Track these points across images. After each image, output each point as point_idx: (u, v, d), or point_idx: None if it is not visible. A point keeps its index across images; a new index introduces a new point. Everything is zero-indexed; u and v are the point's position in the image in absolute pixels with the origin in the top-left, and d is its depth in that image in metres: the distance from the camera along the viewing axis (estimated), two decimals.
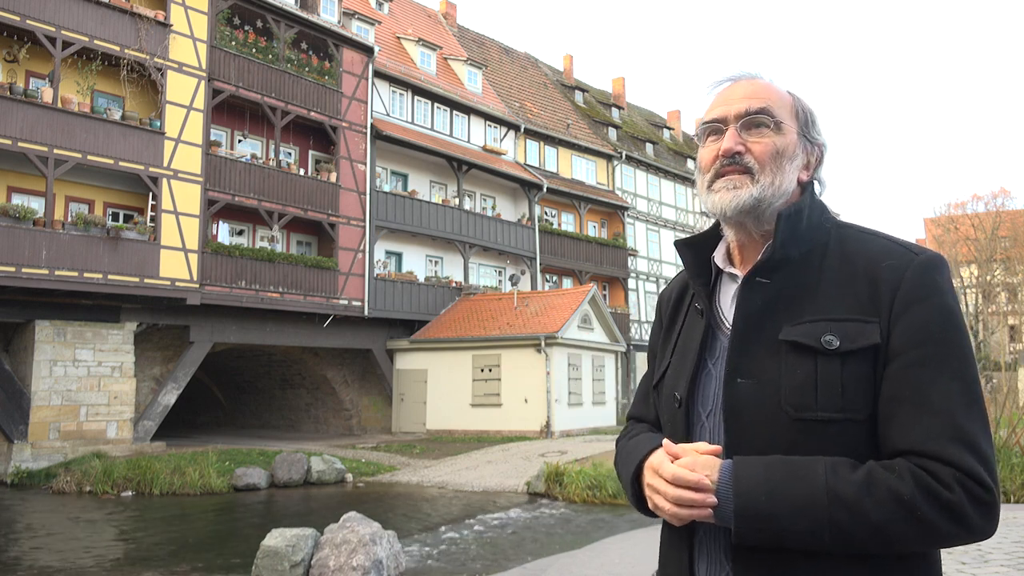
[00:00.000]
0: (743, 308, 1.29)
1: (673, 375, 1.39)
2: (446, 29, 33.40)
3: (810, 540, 1.13)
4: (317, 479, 15.89)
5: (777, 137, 1.32)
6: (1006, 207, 46.49)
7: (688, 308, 1.44)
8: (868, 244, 1.29)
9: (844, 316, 1.22)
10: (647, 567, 6.57)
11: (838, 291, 1.25)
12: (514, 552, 9.64)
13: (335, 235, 21.81)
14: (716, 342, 1.35)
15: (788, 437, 1.20)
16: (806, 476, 1.14)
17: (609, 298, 32.98)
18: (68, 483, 14.63)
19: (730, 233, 1.38)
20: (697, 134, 1.41)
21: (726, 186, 1.32)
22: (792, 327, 1.24)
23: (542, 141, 31.33)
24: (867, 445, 1.20)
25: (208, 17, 19.22)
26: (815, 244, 1.30)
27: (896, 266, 1.23)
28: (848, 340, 1.20)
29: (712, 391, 1.32)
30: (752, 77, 1.38)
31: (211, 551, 9.92)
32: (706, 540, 1.30)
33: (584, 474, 14.06)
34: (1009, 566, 5.35)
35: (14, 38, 16.48)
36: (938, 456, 1.12)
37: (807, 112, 1.38)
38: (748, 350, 1.26)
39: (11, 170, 16.60)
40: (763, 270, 1.30)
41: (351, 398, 24.85)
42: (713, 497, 1.18)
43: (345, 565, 7.33)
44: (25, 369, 16.48)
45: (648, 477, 1.28)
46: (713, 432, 1.30)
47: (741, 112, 1.32)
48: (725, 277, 1.40)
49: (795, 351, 1.22)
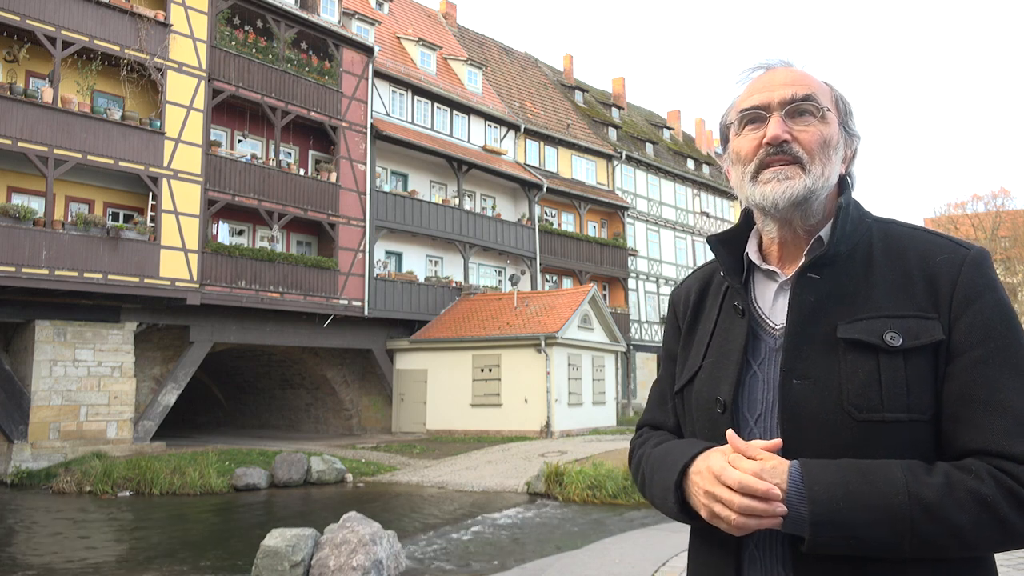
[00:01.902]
0: (798, 306, 1.23)
1: (710, 378, 1.31)
2: (446, 29, 33.39)
3: (890, 546, 1.08)
4: (317, 479, 15.88)
5: (823, 126, 1.26)
6: (1006, 207, 46.51)
7: (720, 307, 1.37)
8: (915, 239, 1.25)
9: (903, 313, 1.18)
10: (647, 567, 6.57)
11: (892, 288, 1.21)
12: (514, 552, 9.63)
13: (335, 235, 21.81)
14: (760, 343, 1.29)
15: (850, 440, 1.15)
16: (884, 479, 1.09)
17: (609, 298, 32.98)
18: (68, 483, 14.62)
19: (772, 226, 1.31)
20: (730, 122, 1.34)
21: (776, 176, 1.25)
22: (848, 324, 1.19)
23: (542, 141, 31.33)
24: (931, 446, 1.16)
25: (208, 17, 19.22)
26: (860, 240, 1.27)
27: (951, 261, 1.20)
28: (911, 337, 1.16)
29: (760, 395, 1.25)
30: (787, 64, 1.33)
31: (211, 551, 9.91)
32: (758, 552, 1.22)
33: (584, 474, 14.05)
34: (1009, 566, 5.35)
35: (14, 38, 16.48)
36: (1014, 456, 1.09)
37: (845, 103, 1.33)
38: (804, 349, 1.21)
39: (11, 170, 16.60)
40: (815, 266, 1.24)
41: (351, 398, 24.85)
42: (783, 506, 1.10)
43: (345, 565, 7.32)
44: (25, 369, 16.48)
45: (706, 484, 1.17)
46: (764, 438, 1.23)
47: (786, 99, 1.26)
48: (759, 274, 1.34)
49: (855, 349, 1.17)
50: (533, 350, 21.69)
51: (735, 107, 1.33)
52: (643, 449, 1.42)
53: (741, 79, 1.34)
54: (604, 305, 25.06)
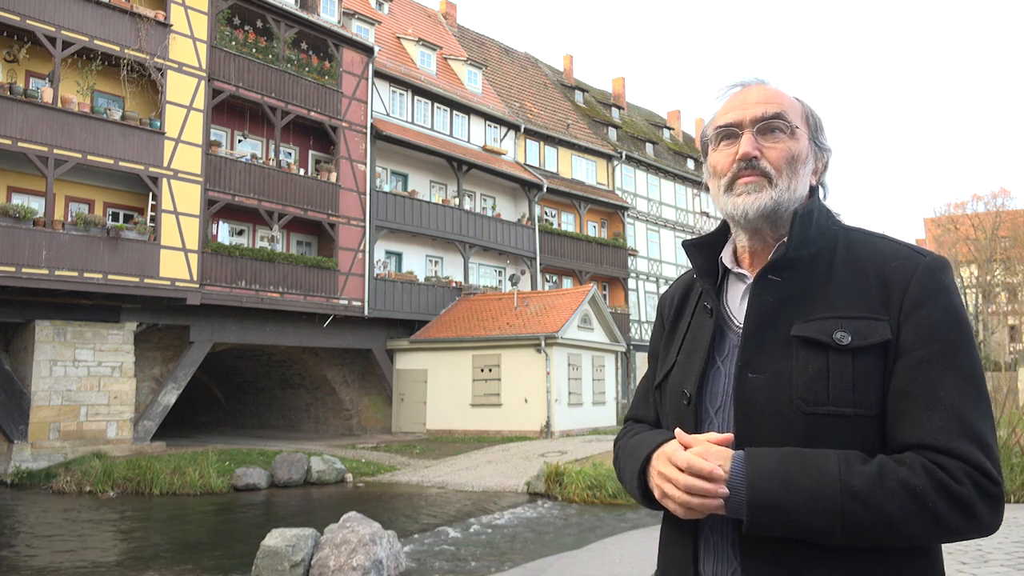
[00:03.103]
0: (755, 304, 1.31)
1: (680, 373, 1.40)
2: (446, 29, 33.40)
3: (822, 531, 1.14)
4: (317, 479, 15.88)
5: (792, 142, 1.34)
6: (1006, 207, 46.51)
7: (695, 308, 1.46)
8: (875, 246, 1.32)
9: (855, 314, 1.25)
10: (647, 567, 6.57)
11: (848, 290, 1.28)
12: (514, 552, 9.63)
13: (335, 235, 21.81)
14: (725, 340, 1.37)
15: (799, 432, 1.22)
16: (819, 467, 1.15)
17: (609, 298, 32.98)
18: (68, 483, 14.62)
19: (743, 235, 1.40)
20: (708, 137, 1.42)
21: (747, 189, 1.33)
22: (803, 323, 1.26)
23: (542, 141, 31.33)
24: (877, 441, 1.21)
25: (208, 17, 19.22)
26: (824, 245, 1.33)
27: (905, 267, 1.27)
28: (859, 336, 1.22)
29: (721, 387, 1.33)
30: (761, 82, 1.40)
31: (211, 551, 9.91)
32: (712, 535, 1.30)
33: (584, 474, 14.05)
34: (1009, 566, 5.34)
35: (14, 38, 16.48)
36: (948, 450, 1.15)
37: (816, 118, 1.40)
38: (759, 345, 1.28)
39: (11, 170, 16.60)
40: (775, 268, 1.32)
41: (351, 398, 24.85)
42: (725, 487, 1.18)
43: (345, 565, 7.32)
44: (25, 369, 16.48)
45: (659, 465, 1.28)
46: (722, 428, 1.31)
47: (757, 117, 1.34)
48: (732, 277, 1.42)
49: (806, 346, 1.24)
50: (533, 350, 21.69)
51: (713, 123, 1.41)
52: (622, 440, 1.51)
53: (719, 96, 1.43)
54: (604, 305, 25.07)
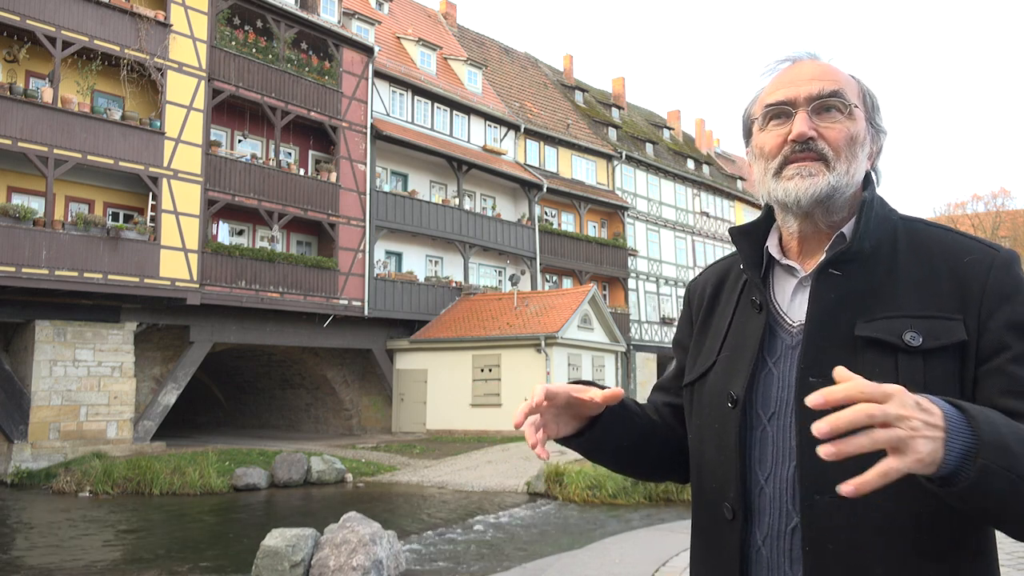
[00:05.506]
0: (818, 302, 1.20)
1: (724, 373, 1.28)
2: (446, 29, 33.39)
3: None
4: (317, 479, 15.88)
5: (850, 123, 1.24)
6: (1006, 207, 46.59)
7: (737, 301, 1.34)
8: (942, 239, 1.23)
9: (925, 313, 1.15)
10: (647, 567, 6.57)
11: (916, 287, 1.18)
12: (514, 552, 9.63)
13: (335, 235, 21.80)
14: (776, 339, 1.25)
15: None
16: None
17: (609, 298, 32.96)
18: (68, 483, 14.61)
19: (793, 223, 1.28)
20: (755, 117, 1.31)
21: (800, 172, 1.22)
22: (866, 323, 1.16)
23: (542, 141, 31.32)
24: None
25: (208, 17, 19.22)
26: (883, 237, 1.23)
27: (979, 262, 1.18)
28: (932, 337, 1.13)
29: (775, 393, 1.22)
30: (813, 57, 1.29)
31: (211, 551, 9.91)
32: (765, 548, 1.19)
33: (584, 474, 14.05)
34: (1009, 566, 5.35)
35: (14, 38, 16.47)
36: None
37: (872, 97, 1.30)
38: (822, 348, 1.18)
39: (11, 170, 16.59)
40: (837, 262, 1.21)
41: (351, 398, 24.85)
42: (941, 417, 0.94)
43: (345, 565, 7.32)
44: (25, 369, 16.47)
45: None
46: (776, 436, 1.20)
47: (812, 94, 1.23)
48: (779, 269, 1.31)
49: (872, 348, 1.15)
50: (533, 350, 21.69)
51: (760, 101, 1.30)
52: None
53: (766, 72, 1.32)
54: (604, 305, 25.07)
